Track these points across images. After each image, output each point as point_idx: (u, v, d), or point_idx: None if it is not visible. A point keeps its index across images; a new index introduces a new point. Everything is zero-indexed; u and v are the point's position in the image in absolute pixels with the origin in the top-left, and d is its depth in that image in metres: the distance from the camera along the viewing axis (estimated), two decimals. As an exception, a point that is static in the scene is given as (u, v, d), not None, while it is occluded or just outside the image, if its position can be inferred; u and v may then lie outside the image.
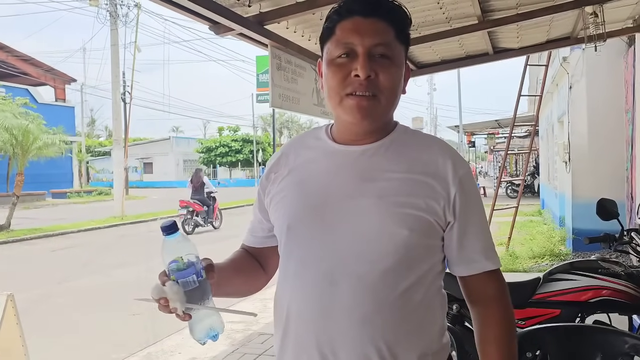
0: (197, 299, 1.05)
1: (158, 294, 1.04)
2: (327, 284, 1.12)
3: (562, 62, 8.32)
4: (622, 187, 7.42)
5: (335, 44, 1.15)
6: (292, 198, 1.21)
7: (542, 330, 2.06)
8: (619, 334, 1.95)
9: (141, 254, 10.57)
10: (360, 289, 1.10)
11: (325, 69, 1.17)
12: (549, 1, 5.03)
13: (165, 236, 1.07)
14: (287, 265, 1.22)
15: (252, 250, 1.38)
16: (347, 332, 1.10)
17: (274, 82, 4.47)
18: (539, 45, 6.63)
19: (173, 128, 68.88)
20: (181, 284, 1.04)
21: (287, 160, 1.27)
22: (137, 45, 20.25)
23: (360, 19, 1.13)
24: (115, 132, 19.74)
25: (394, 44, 1.15)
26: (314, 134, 1.30)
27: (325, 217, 1.15)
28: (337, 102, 1.15)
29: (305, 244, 1.17)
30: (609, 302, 2.58)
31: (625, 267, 2.68)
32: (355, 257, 1.11)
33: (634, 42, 6.82)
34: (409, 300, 1.12)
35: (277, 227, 1.25)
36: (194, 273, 1.05)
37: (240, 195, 29.25)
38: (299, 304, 1.16)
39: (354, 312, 1.10)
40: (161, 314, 1.11)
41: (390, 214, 1.11)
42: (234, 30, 4.02)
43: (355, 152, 1.18)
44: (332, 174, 1.18)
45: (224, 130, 51.30)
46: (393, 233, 1.10)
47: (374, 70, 1.11)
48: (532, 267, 7.19)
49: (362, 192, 1.13)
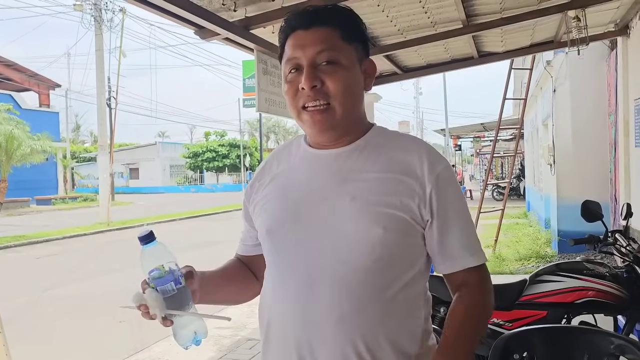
0: (176, 305, 1.08)
1: (138, 301, 1.08)
2: (305, 285, 1.14)
3: (546, 65, 8.41)
4: (606, 189, 7.52)
5: (285, 61, 1.19)
6: (272, 204, 1.24)
7: (529, 331, 2.07)
8: (605, 335, 1.96)
9: (127, 260, 10.47)
10: (338, 289, 1.11)
11: (282, 85, 1.22)
12: (533, 5, 5.09)
13: (143, 245, 1.10)
14: (269, 269, 1.25)
15: (244, 259, 1.40)
16: (325, 332, 1.11)
17: (260, 86, 4.47)
18: (523, 49, 6.71)
19: (159, 133, 68.54)
20: (160, 291, 1.07)
21: (270, 168, 1.31)
22: (123, 50, 20.14)
23: (302, 32, 1.17)
24: (101, 137, 19.57)
25: (340, 46, 1.16)
26: (295, 141, 1.33)
27: (302, 220, 1.17)
28: (296, 116, 1.20)
29: (284, 248, 1.19)
30: (594, 302, 2.61)
31: (610, 268, 2.70)
32: (331, 258, 1.12)
33: (616, 46, 6.92)
34: (388, 300, 1.13)
35: (259, 233, 1.27)
36: (172, 280, 1.08)
37: (228, 200, 29.19)
38: (280, 307, 1.18)
39: (332, 312, 1.11)
40: (148, 320, 1.12)
41: (364, 213, 1.12)
42: (219, 34, 4.01)
43: (330, 156, 1.21)
44: (309, 178, 1.21)
45: (210, 135, 51.14)
46: (368, 232, 1.11)
47: (320, 79, 1.13)
48: (519, 269, 7.24)
49: (337, 194, 1.15)
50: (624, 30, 6.37)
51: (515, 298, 2.73)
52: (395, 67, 6.51)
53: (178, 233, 14.97)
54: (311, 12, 1.17)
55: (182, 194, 38.70)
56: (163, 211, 22.18)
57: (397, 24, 5.03)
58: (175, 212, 21.63)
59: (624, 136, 6.61)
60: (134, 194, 40.24)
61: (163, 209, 23.52)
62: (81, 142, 59.04)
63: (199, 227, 16.45)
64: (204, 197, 34.10)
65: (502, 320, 2.69)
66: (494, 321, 2.70)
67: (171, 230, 15.75)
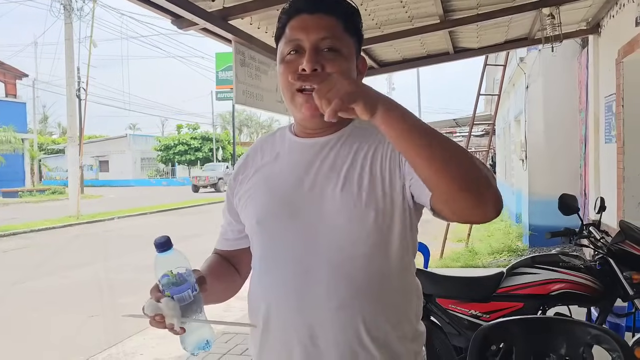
0: (192, 312, 1.04)
1: (153, 311, 1.02)
2: (302, 274, 1.13)
3: (520, 62, 8.54)
4: (576, 185, 7.69)
5: (285, 42, 1.18)
6: (260, 194, 1.23)
7: (508, 322, 2.10)
8: (582, 325, 2.01)
9: (98, 254, 10.30)
10: (336, 276, 1.11)
11: (278, 67, 1.21)
12: (508, 2, 5.16)
13: (159, 253, 1.04)
14: (261, 261, 1.23)
15: (225, 253, 1.37)
16: (325, 320, 1.11)
17: (237, 78, 4.42)
18: (497, 45, 6.80)
19: (130, 125, 67.33)
20: (177, 300, 1.02)
21: (253, 160, 1.30)
22: (93, 40, 19.67)
23: (307, 15, 1.16)
24: (70, 129, 19.12)
25: (342, 37, 1.17)
26: (279, 132, 1.33)
27: (294, 210, 1.17)
28: (289, 99, 1.18)
29: (277, 238, 1.19)
30: (569, 294, 2.67)
31: (584, 260, 2.76)
32: (327, 245, 1.13)
33: (587, 44, 7.06)
34: (384, 285, 1.13)
35: (247, 225, 1.26)
36: (189, 288, 1.04)
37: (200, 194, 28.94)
38: (277, 298, 1.16)
39: (331, 298, 1.11)
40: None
41: (356, 199, 1.12)
42: (197, 25, 3.95)
43: (317, 144, 1.21)
44: (297, 167, 1.21)
45: (182, 128, 50.52)
46: (361, 218, 1.12)
47: (320, 64, 1.13)
48: (491, 263, 7.36)
49: (327, 181, 1.16)
50: (595, 28, 6.51)
51: (492, 290, 2.77)
52: (371, 62, 6.52)
53: (151, 227, 14.76)
54: None
55: (154, 187, 38.12)
56: (134, 204, 21.85)
57: (375, 18, 5.03)
58: (147, 205, 21.33)
59: (594, 133, 6.77)
60: (104, 187, 39.49)
61: (134, 202, 23.16)
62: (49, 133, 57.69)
63: (173, 221, 16.25)
64: (176, 190, 33.70)
65: (480, 312, 2.73)
66: (472, 313, 2.74)
67: (144, 224, 15.53)
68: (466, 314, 2.73)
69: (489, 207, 0.98)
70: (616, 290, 2.68)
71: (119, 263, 9.04)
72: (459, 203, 0.98)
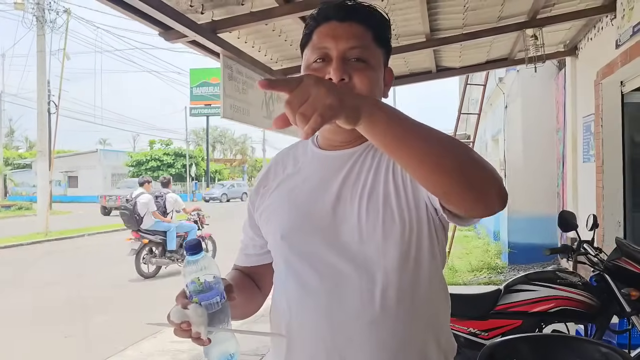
0: (219, 321, 0.99)
1: (180, 318, 0.95)
2: (331, 290, 1.09)
3: (498, 82, 8.69)
4: (554, 203, 7.80)
5: (311, 49, 1.15)
6: (284, 208, 1.18)
7: (515, 340, 2.07)
8: (590, 343, 1.99)
9: (69, 272, 9.99)
10: (366, 291, 1.07)
11: None
12: (493, 22, 5.25)
13: (189, 256, 0.99)
14: (286, 277, 1.17)
15: (246, 270, 1.32)
16: (355, 337, 1.07)
17: (225, 92, 4.36)
18: (479, 65, 6.91)
19: (100, 140, 66.14)
20: (204, 307, 0.97)
21: (275, 173, 1.26)
22: (66, 53, 19.33)
23: (336, 23, 1.13)
24: (40, 143, 18.65)
25: (371, 47, 1.13)
26: (300, 145, 1.29)
27: (319, 224, 1.13)
28: None
29: (302, 253, 1.14)
30: (567, 311, 2.66)
31: (580, 277, 2.77)
32: (355, 260, 1.09)
33: (565, 66, 7.23)
34: (416, 299, 1.10)
35: (271, 240, 1.21)
36: (218, 295, 0.99)
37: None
38: (304, 315, 1.11)
39: (361, 316, 1.07)
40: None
41: (384, 212, 1.09)
42: (186, 37, 3.89)
43: (343, 157, 1.17)
44: (322, 180, 1.17)
45: (155, 144, 49.94)
46: (390, 232, 1.08)
47: (348, 74, 1.09)
48: (472, 280, 7.38)
49: (354, 194, 1.12)
50: (573, 50, 6.67)
51: (490, 308, 2.75)
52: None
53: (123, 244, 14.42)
54: (349, 6, 1.14)
55: (125, 204, 37.39)
56: (105, 221, 21.37)
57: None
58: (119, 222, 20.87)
59: (572, 152, 6.89)
60: (73, 202, 38.61)
61: (105, 219, 22.65)
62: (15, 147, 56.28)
63: (145, 238, 15.89)
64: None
65: (478, 329, 2.70)
66: (470, 330, 2.70)
67: (115, 241, 15.17)
68: (464, 332, 2.70)
69: (493, 199, 0.91)
70: (612, 306, 2.68)
71: (91, 281, 8.78)
72: (462, 199, 0.91)
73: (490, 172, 0.91)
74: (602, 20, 5.46)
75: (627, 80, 5.37)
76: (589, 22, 5.69)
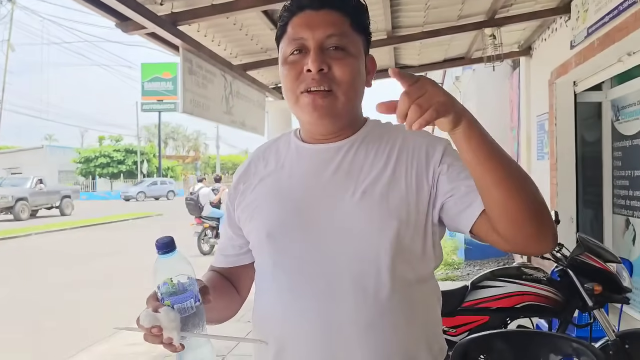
0: (193, 325, 0.92)
1: (150, 322, 0.88)
2: (324, 292, 1.03)
3: (455, 81, 8.85)
4: (508, 199, 7.99)
5: (287, 41, 1.10)
6: (268, 205, 1.12)
7: (490, 336, 2.09)
8: (561, 338, 2.02)
9: (12, 273, 9.52)
10: (361, 293, 1.02)
11: (280, 69, 1.12)
12: (452, 21, 5.31)
13: (160, 255, 0.91)
14: (272, 278, 1.11)
15: (223, 271, 1.24)
16: (351, 343, 1.02)
17: (185, 86, 4.23)
18: (437, 63, 7.01)
19: (47, 136, 63.65)
20: (177, 310, 0.90)
21: (256, 168, 1.20)
22: (11, 44, 18.46)
23: (311, 12, 1.09)
24: (-19, 138, 17.79)
25: (349, 35, 1.09)
26: (282, 139, 1.23)
27: (309, 221, 1.07)
28: (293, 102, 1.10)
29: (291, 253, 1.08)
30: (533, 306, 2.70)
31: (545, 272, 2.81)
32: (348, 259, 1.04)
33: (519, 66, 7.41)
34: (411, 298, 1.06)
35: (254, 238, 1.15)
36: (192, 297, 0.92)
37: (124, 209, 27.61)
38: (296, 319, 1.05)
39: (357, 318, 1.02)
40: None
41: (376, 207, 1.05)
42: (145, 28, 3.75)
43: (329, 149, 1.13)
44: (308, 175, 1.12)
45: (105, 140, 48.52)
46: (382, 228, 1.04)
47: (327, 63, 1.05)
48: (429, 276, 7.48)
49: (343, 190, 1.07)
50: (527, 51, 6.85)
51: (457, 304, 2.76)
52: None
53: (72, 243, 13.93)
54: None
55: (72, 202, 36.11)
56: (52, 220, 20.59)
57: None
58: (65, 220, 20.15)
59: (526, 150, 7.08)
60: (17, 201, 36.97)
61: (51, 218, 21.83)
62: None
63: (94, 237, 15.39)
64: (96, 204, 32.11)
65: (446, 326, 2.70)
66: (438, 328, 2.70)
67: (64, 240, 14.63)
68: None
69: (549, 238, 0.96)
70: (575, 301, 2.74)
71: (40, 282, 8.41)
72: (523, 231, 0.95)
73: (550, 215, 0.96)
74: (556, 22, 5.61)
75: (580, 80, 5.55)
76: (544, 23, 5.84)
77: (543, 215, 0.94)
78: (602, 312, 2.67)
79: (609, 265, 2.69)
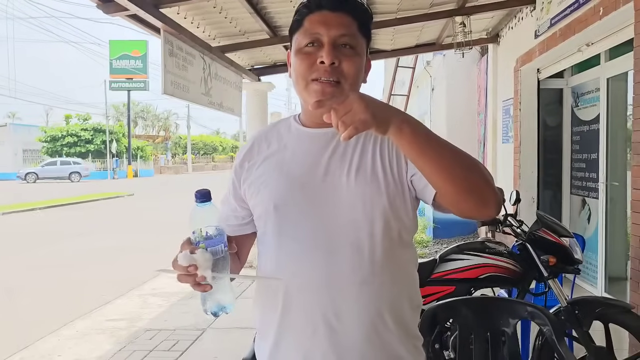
0: (222, 268, 1.07)
1: (188, 261, 1.03)
2: (325, 254, 1.22)
3: (426, 65, 9.06)
4: (474, 181, 8.30)
5: (303, 34, 1.26)
6: (275, 181, 1.29)
7: (456, 302, 2.31)
8: (519, 304, 2.27)
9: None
10: (357, 254, 1.22)
11: (294, 57, 1.28)
12: (425, 9, 5.50)
13: (198, 203, 1.07)
14: (279, 246, 1.28)
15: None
16: (349, 297, 1.21)
17: (166, 68, 4.33)
18: (409, 48, 7.20)
19: (9, 114, 61.87)
20: (210, 252, 1.05)
21: (259, 149, 1.36)
22: (-27, 19, 17.84)
23: (328, 12, 1.25)
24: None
25: (356, 36, 1.27)
26: (283, 123, 1.40)
27: (312, 195, 1.25)
28: (303, 87, 1.26)
29: (297, 221, 1.25)
30: (494, 277, 2.95)
31: (506, 246, 3.07)
32: (346, 226, 1.22)
33: (487, 52, 7.67)
34: (399, 261, 1.26)
35: (261, 209, 1.31)
36: (222, 242, 1.07)
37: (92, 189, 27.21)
38: (299, 279, 1.23)
39: (354, 276, 1.21)
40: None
41: (369, 184, 1.23)
42: (127, 10, 3.82)
43: (327, 133, 1.29)
44: (309, 155, 1.28)
45: (72, 119, 47.40)
46: (375, 202, 1.23)
47: (338, 58, 1.22)
48: (399, 254, 7.76)
49: (340, 168, 1.25)
50: (495, 38, 7.10)
51: (427, 276, 2.99)
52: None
53: (41, 223, 13.79)
54: None
55: (38, 182, 35.39)
56: (18, 199, 20.22)
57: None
58: (31, 200, 19.82)
59: (492, 133, 7.38)
60: (-21, 180, 36.06)
61: (16, 197, 21.42)
62: None
63: (63, 217, 15.26)
64: (64, 185, 31.55)
65: (416, 296, 2.93)
66: (409, 297, 2.94)
67: (32, 221, 14.46)
68: None
69: (491, 206, 1.14)
70: (532, 272, 3.01)
71: (9, 262, 8.41)
72: (466, 204, 1.14)
73: (492, 186, 1.13)
74: (523, 11, 5.86)
75: (543, 68, 5.83)
76: (511, 12, 6.09)
77: (483, 190, 1.11)
78: (556, 282, 2.94)
79: (563, 240, 2.96)
